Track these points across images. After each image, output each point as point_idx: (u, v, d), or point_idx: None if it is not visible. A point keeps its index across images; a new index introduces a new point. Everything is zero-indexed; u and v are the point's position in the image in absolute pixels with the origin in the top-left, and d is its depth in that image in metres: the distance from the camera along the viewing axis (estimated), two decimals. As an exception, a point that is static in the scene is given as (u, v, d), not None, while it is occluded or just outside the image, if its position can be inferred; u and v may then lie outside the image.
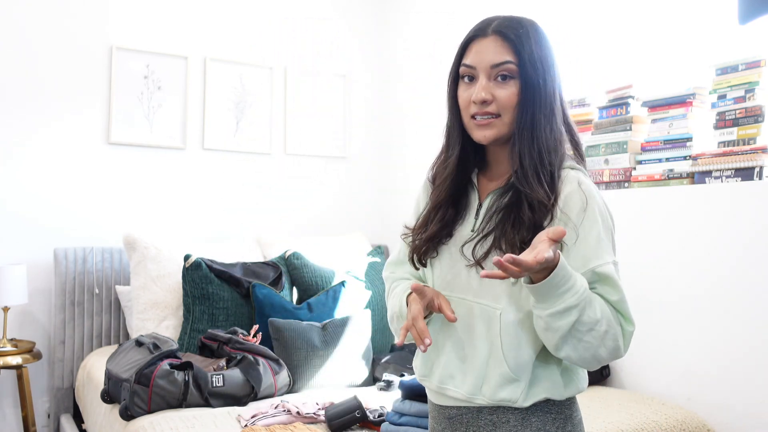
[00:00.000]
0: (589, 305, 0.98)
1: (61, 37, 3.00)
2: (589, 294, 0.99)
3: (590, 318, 0.98)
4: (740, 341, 1.97)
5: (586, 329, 0.98)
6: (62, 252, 2.90)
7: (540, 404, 1.08)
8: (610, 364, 2.36)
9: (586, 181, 1.08)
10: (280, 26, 3.53)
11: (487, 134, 1.09)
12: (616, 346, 1.01)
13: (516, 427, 1.07)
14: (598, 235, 1.04)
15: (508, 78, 1.07)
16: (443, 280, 1.14)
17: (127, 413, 2.01)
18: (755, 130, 1.99)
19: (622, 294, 1.04)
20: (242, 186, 3.42)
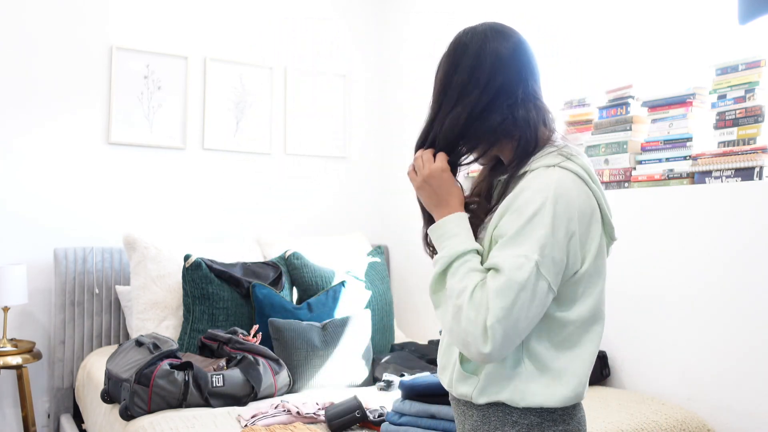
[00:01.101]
0: (455, 272, 1.03)
1: (62, 37, 3.00)
2: (463, 262, 1.03)
3: (451, 285, 1.03)
4: (740, 341, 1.97)
5: (447, 295, 1.03)
6: (62, 252, 2.90)
7: (500, 406, 1.06)
8: (610, 364, 2.36)
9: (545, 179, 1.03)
10: (280, 26, 3.53)
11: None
12: (468, 332, 0.97)
13: (477, 423, 1.09)
14: (516, 231, 0.99)
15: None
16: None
17: (127, 413, 2.01)
18: (755, 130, 1.99)
19: (501, 282, 0.97)
20: (242, 186, 3.42)
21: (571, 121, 2.67)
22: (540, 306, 0.99)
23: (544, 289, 0.98)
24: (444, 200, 1.11)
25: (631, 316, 2.29)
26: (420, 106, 3.70)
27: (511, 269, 0.97)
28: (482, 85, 1.10)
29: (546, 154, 1.07)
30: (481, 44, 1.12)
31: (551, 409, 1.05)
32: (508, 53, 1.11)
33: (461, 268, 1.03)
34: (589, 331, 1.07)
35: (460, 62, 1.13)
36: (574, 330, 1.05)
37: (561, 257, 1.00)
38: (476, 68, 1.11)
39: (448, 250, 1.05)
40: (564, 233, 0.99)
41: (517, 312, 0.96)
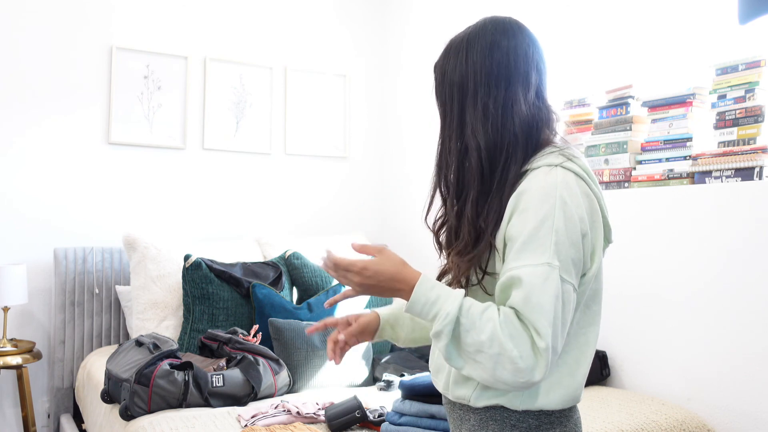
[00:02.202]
0: (470, 327, 0.94)
1: (62, 37, 3.00)
2: (470, 314, 0.95)
3: (474, 339, 0.94)
4: (740, 341, 1.97)
5: (474, 350, 0.94)
6: (62, 252, 2.90)
7: (498, 409, 1.05)
8: (610, 364, 2.36)
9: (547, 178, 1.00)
10: (280, 26, 3.53)
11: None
12: (517, 369, 0.91)
13: (474, 427, 1.07)
14: (529, 234, 0.96)
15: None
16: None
17: (127, 413, 2.01)
18: (755, 130, 1.99)
19: (534, 303, 0.93)
20: (242, 186, 3.42)
21: (571, 121, 2.67)
22: (571, 311, 0.97)
23: (570, 293, 0.96)
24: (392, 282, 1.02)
25: (631, 316, 2.29)
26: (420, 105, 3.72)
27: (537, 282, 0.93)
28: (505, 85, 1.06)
29: (548, 153, 1.05)
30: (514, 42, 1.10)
31: (549, 412, 1.04)
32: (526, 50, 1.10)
33: (469, 321, 0.95)
34: (587, 333, 1.07)
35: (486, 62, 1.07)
36: (573, 333, 1.04)
37: (578, 258, 0.98)
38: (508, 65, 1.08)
39: (444, 317, 0.95)
40: (578, 234, 0.98)
41: (558, 323, 0.93)
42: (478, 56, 1.07)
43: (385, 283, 1.02)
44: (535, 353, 0.92)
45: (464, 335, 0.95)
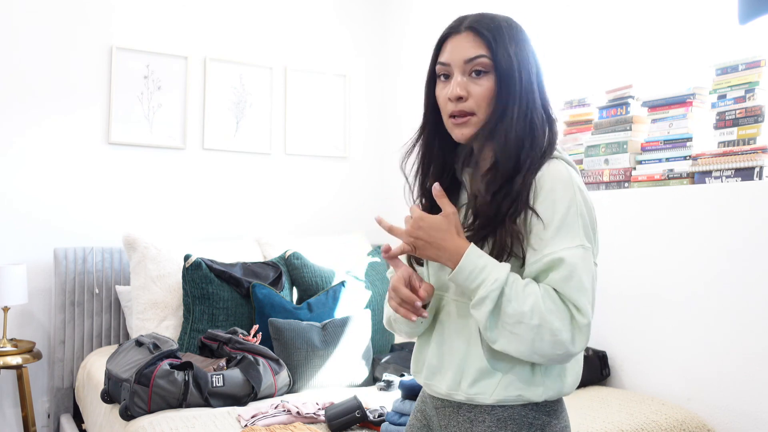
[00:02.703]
0: (513, 297, 0.97)
1: (62, 37, 3.00)
2: (514, 286, 0.98)
3: (515, 310, 0.97)
4: (740, 341, 1.97)
5: (514, 321, 0.97)
6: (62, 252, 2.90)
7: (517, 407, 1.05)
8: (610, 364, 2.36)
9: (558, 168, 1.05)
10: (280, 26, 3.53)
11: (464, 132, 1.07)
12: (557, 341, 0.96)
13: (491, 427, 1.05)
14: (561, 220, 1.00)
15: (483, 73, 1.05)
16: (434, 278, 1.15)
17: (127, 413, 2.01)
18: (755, 130, 1.99)
19: (576, 282, 0.98)
20: (242, 186, 3.42)
21: (571, 121, 2.67)
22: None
23: (597, 274, 1.05)
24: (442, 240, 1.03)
25: (631, 316, 2.29)
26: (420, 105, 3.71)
27: (578, 263, 0.98)
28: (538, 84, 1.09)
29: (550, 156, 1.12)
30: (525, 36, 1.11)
31: (554, 402, 1.08)
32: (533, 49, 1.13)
33: (512, 291, 0.98)
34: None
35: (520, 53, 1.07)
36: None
37: (596, 242, 1.06)
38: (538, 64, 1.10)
39: (492, 282, 0.98)
40: (594, 221, 1.06)
41: (594, 301, 1.02)
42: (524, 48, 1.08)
43: (435, 239, 1.03)
44: (573, 327, 0.97)
45: (506, 305, 0.97)
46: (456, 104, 1.06)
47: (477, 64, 1.05)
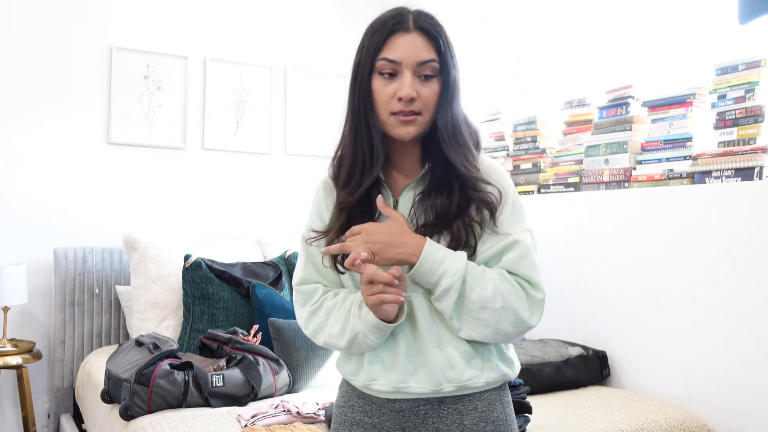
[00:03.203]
0: (475, 284, 1.03)
1: (62, 37, 3.00)
2: (473, 273, 1.04)
3: (479, 296, 1.03)
4: (741, 341, 1.97)
5: (478, 307, 1.03)
6: (62, 252, 2.90)
7: (497, 389, 1.12)
8: (610, 364, 2.36)
9: (491, 161, 1.16)
10: (280, 26, 3.53)
11: (410, 130, 1.08)
12: (518, 319, 1.04)
13: (484, 412, 1.09)
14: (512, 206, 1.11)
15: (430, 77, 1.08)
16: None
17: (127, 413, 2.01)
18: (755, 130, 1.99)
19: (529, 261, 1.07)
20: (242, 186, 3.42)
21: (571, 121, 2.67)
22: None
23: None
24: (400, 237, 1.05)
25: (631, 316, 2.29)
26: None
27: (530, 244, 1.08)
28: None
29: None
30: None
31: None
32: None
33: (474, 279, 1.03)
34: None
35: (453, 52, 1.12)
36: None
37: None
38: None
39: (453, 273, 1.02)
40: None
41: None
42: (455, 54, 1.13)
43: (393, 238, 1.04)
44: (530, 304, 1.06)
45: (470, 292, 1.03)
46: (406, 104, 1.07)
47: (428, 67, 1.07)
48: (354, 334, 1.07)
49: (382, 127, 1.11)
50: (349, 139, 1.14)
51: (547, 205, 2.63)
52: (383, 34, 1.09)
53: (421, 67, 1.07)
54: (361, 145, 1.12)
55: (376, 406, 1.12)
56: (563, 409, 2.02)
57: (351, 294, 1.13)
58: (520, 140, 2.88)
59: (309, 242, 1.17)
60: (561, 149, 2.70)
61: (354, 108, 1.13)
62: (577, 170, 2.57)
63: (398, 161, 1.16)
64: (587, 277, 2.46)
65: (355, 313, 1.08)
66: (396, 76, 1.08)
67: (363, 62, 1.11)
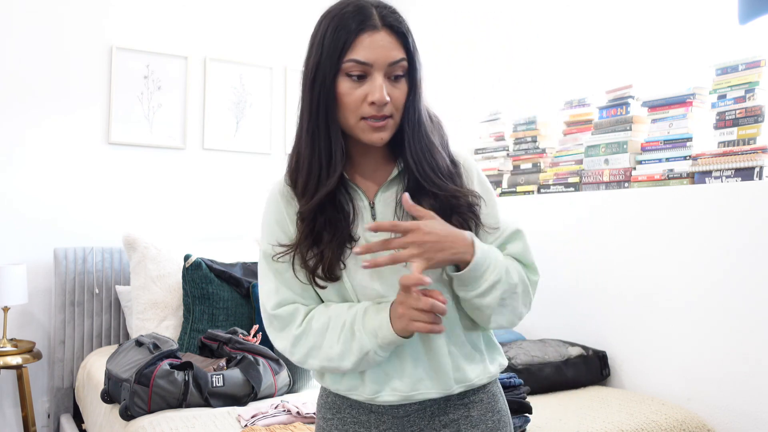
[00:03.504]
0: (507, 274, 1.02)
1: (62, 37, 3.00)
2: (505, 262, 1.04)
3: (510, 285, 1.02)
4: (740, 341, 1.97)
5: (509, 295, 1.03)
6: (62, 252, 2.90)
7: (494, 383, 1.12)
8: (610, 364, 2.36)
9: (460, 150, 1.14)
10: (280, 26, 3.53)
11: (383, 136, 1.02)
12: (529, 300, 1.08)
13: (490, 403, 1.10)
14: (493, 195, 1.12)
15: (399, 77, 1.01)
16: (370, 289, 1.04)
17: (127, 413, 2.01)
18: (755, 130, 1.99)
19: (527, 246, 1.10)
20: (242, 186, 3.42)
21: (571, 121, 2.67)
22: None
23: None
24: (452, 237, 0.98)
25: (631, 316, 2.29)
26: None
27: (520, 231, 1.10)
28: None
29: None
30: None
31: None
32: None
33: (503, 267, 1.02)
34: None
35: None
36: None
37: None
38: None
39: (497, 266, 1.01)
40: None
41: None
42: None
43: (444, 236, 0.96)
44: (532, 287, 1.08)
45: (507, 279, 1.03)
46: (378, 108, 0.99)
47: (399, 67, 1.00)
48: (364, 353, 0.98)
49: (351, 132, 1.03)
50: (307, 143, 1.03)
51: (547, 205, 2.63)
52: (348, 32, 0.99)
53: (392, 68, 1.00)
54: (320, 150, 1.02)
55: (375, 415, 1.06)
56: (563, 409, 2.02)
57: (342, 309, 1.03)
58: (520, 140, 2.88)
59: (276, 258, 1.05)
60: (561, 149, 2.70)
61: (312, 110, 1.02)
62: (577, 170, 2.57)
63: (361, 161, 1.09)
64: (587, 277, 2.46)
65: (361, 330, 0.99)
66: (365, 78, 0.99)
67: (324, 62, 1.00)
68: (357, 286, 1.04)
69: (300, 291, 1.06)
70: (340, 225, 1.03)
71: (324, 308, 1.05)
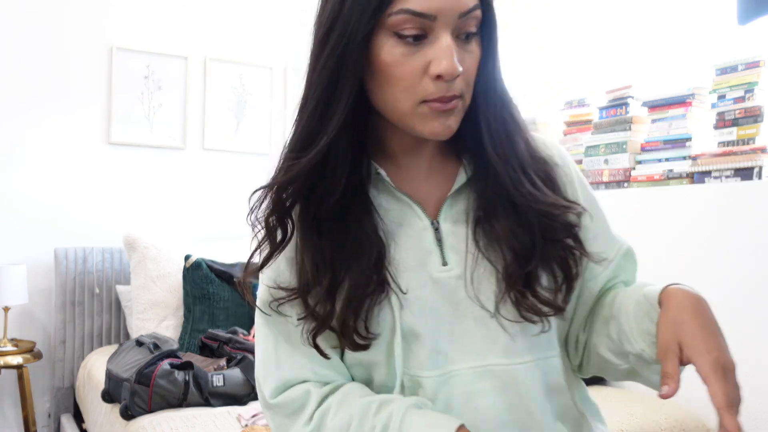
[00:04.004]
0: None
1: (62, 37, 3.00)
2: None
3: None
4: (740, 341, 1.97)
5: None
6: (63, 252, 2.91)
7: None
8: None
9: (546, 138, 0.82)
10: (280, 26, 3.53)
11: (452, 124, 0.68)
12: None
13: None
14: (601, 209, 0.84)
15: (472, 36, 0.68)
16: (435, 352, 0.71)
17: (127, 413, 2.02)
18: (754, 130, 1.99)
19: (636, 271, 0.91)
20: (242, 186, 3.42)
21: (570, 121, 2.67)
22: None
23: None
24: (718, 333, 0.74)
25: (631, 316, 2.29)
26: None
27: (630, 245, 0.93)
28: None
29: None
30: None
31: None
32: None
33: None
34: None
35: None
36: None
37: None
38: None
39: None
40: None
41: None
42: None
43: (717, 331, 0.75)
44: None
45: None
46: (449, 84, 0.66)
47: (471, 20, 0.66)
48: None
49: (399, 120, 0.69)
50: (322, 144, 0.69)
51: (547, 205, 2.63)
52: None
53: (463, 22, 0.66)
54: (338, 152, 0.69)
55: None
56: (563, 408, 2.02)
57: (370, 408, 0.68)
58: (520, 140, 2.88)
59: (276, 305, 0.73)
60: (561, 149, 2.70)
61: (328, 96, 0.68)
62: (576, 170, 2.57)
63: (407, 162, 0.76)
64: (587, 277, 2.46)
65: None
66: (422, 39, 0.65)
67: (352, 14, 0.66)
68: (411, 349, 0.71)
69: (311, 357, 0.73)
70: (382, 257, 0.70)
71: (344, 397, 0.71)
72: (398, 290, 0.70)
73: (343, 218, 0.71)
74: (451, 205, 0.75)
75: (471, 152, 0.74)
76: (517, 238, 0.70)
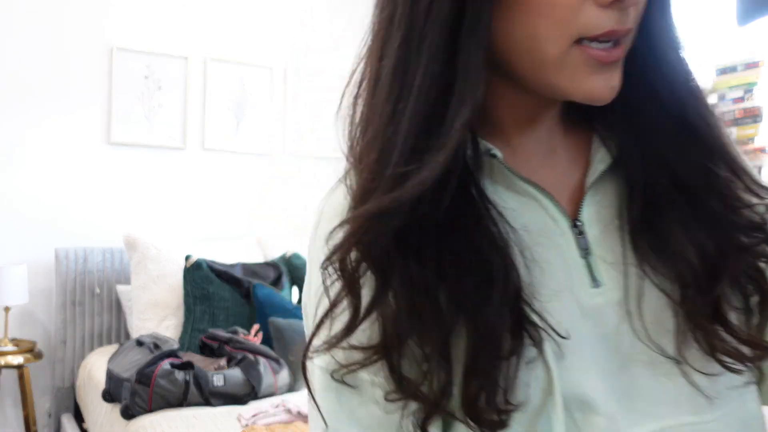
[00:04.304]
0: None
1: (62, 38, 3.00)
2: None
3: None
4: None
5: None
6: (63, 252, 2.91)
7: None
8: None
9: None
10: (280, 26, 3.53)
11: (616, 83, 0.46)
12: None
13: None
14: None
15: None
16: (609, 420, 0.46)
17: (127, 412, 2.02)
18: (754, 130, 1.99)
19: None
20: (242, 186, 3.43)
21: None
22: None
23: None
24: None
25: (631, 316, 2.29)
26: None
27: None
28: None
29: None
30: None
31: None
32: None
33: None
34: None
35: None
36: None
37: None
38: None
39: None
40: None
41: None
42: None
43: None
44: None
45: None
46: (621, 13, 0.45)
47: None
48: None
49: (534, 76, 0.46)
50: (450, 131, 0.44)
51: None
52: None
53: None
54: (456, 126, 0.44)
55: None
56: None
57: None
58: (519, 140, 2.89)
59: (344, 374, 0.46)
60: (560, 149, 2.71)
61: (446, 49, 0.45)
62: (576, 170, 2.58)
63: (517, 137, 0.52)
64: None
65: None
66: None
67: None
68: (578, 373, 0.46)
69: None
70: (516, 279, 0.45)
71: None
72: (555, 334, 0.45)
73: (449, 231, 0.45)
74: (593, 198, 0.51)
75: (607, 120, 0.51)
76: (698, 245, 0.48)
